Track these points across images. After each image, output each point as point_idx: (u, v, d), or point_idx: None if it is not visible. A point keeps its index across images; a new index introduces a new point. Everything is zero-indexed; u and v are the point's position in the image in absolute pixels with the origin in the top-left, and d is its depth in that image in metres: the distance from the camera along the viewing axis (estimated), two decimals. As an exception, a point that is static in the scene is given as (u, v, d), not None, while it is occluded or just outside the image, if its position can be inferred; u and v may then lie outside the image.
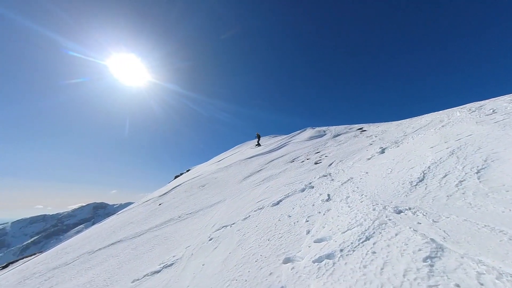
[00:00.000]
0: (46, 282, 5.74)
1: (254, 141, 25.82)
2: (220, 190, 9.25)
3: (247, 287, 2.24)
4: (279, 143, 17.25)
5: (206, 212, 6.77)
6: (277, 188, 6.17)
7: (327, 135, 15.67)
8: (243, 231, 3.90)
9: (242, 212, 5.10)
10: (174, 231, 6.19)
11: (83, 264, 6.09)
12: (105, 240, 7.63)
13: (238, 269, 2.69)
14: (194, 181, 13.35)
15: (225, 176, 11.65)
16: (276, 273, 2.28)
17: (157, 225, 7.19)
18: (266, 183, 7.52)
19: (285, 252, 2.62)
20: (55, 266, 6.81)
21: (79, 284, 4.69)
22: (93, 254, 6.66)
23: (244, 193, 7.28)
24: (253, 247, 3.10)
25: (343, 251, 2.15)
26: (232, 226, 4.47)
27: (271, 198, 5.27)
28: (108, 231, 9.12)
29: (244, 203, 5.92)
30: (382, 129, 11.37)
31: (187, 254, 4.00)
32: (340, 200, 3.62)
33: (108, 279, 4.42)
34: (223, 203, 7.05)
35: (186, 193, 10.93)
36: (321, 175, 5.91)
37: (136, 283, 3.75)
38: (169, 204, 10.11)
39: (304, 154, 11.04)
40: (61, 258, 7.50)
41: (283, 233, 3.14)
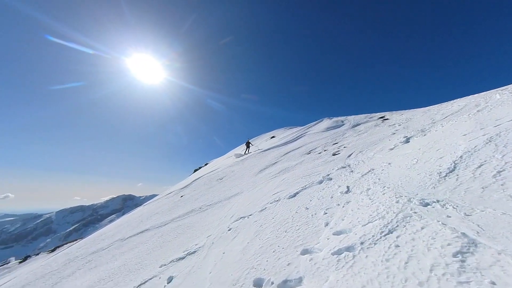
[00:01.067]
0: (87, 265, 6.46)
1: (269, 134, 25.72)
2: (237, 182, 9.45)
3: (266, 276, 2.30)
4: (294, 135, 16.98)
5: (225, 204, 7.00)
6: (294, 180, 6.13)
7: (345, 125, 15.03)
8: (260, 223, 3.98)
9: (259, 204, 5.18)
10: (195, 221, 6.51)
11: (116, 250, 6.72)
12: (134, 229, 8.30)
13: (256, 258, 2.77)
14: (212, 174, 13.79)
15: (241, 169, 11.85)
16: (294, 263, 2.31)
17: (180, 216, 7.61)
18: (282, 175, 7.51)
19: (303, 243, 2.63)
20: (94, 250, 7.62)
21: (114, 267, 5.20)
22: (125, 241, 7.30)
23: (260, 186, 7.36)
24: (270, 238, 3.15)
25: (364, 244, 2.10)
26: (249, 218, 4.57)
27: (287, 190, 5.27)
28: (136, 220, 9.89)
29: (260, 195, 5.99)
30: (406, 117, 10.60)
31: (208, 243, 4.20)
32: (360, 192, 3.50)
33: (139, 263, 4.84)
34: (240, 195, 7.22)
35: (205, 186, 11.36)
36: (339, 166, 5.73)
37: (163, 268, 4.05)
38: (190, 196, 10.62)
39: (321, 145, 10.75)
40: (98, 244, 8.35)
41: (301, 225, 3.14)
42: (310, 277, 1.99)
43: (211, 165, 21.72)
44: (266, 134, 26.07)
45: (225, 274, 2.77)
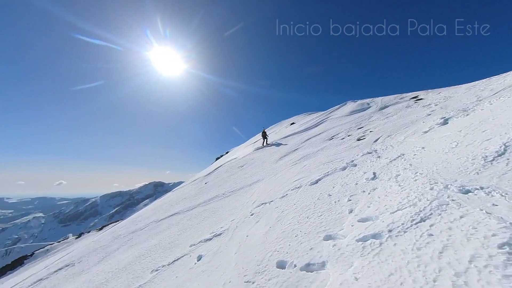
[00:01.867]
0: (128, 242, 7.34)
1: (288, 120, 25.18)
2: (258, 170, 9.60)
3: (288, 259, 2.37)
4: (315, 120, 16.37)
5: (246, 191, 7.21)
6: (315, 167, 6.01)
7: (371, 107, 13.99)
8: (282, 209, 4.03)
9: (280, 191, 5.22)
10: (220, 206, 6.87)
11: (151, 230, 7.48)
12: (166, 212, 9.09)
13: (279, 242, 2.85)
14: (234, 162, 14.17)
15: (261, 157, 11.95)
16: (317, 248, 2.32)
17: (205, 201, 8.09)
18: (303, 162, 7.40)
19: (326, 229, 2.62)
20: (133, 230, 8.58)
21: (151, 245, 5.83)
22: (158, 222, 8.07)
23: (280, 173, 7.38)
24: (292, 224, 3.19)
25: (392, 231, 2.00)
26: (271, 204, 4.66)
27: (308, 177, 5.20)
28: (167, 204, 10.78)
29: (281, 182, 6.02)
30: (444, 95, 9.43)
31: (232, 226, 4.43)
32: (388, 179, 3.30)
33: (171, 243, 5.34)
34: (261, 182, 7.35)
35: (227, 173, 11.77)
36: (365, 152, 5.43)
37: (193, 247, 4.42)
38: (213, 183, 11.14)
39: (345, 130, 10.23)
40: (136, 225, 9.37)
41: (323, 212, 3.11)
42: (333, 262, 1.99)
43: (232, 153, 22.30)
44: (286, 121, 25.57)
45: (249, 255, 2.91)
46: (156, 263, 4.44)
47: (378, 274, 1.62)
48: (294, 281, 2.00)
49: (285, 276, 2.12)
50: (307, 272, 2.04)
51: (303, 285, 1.90)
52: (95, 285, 4.86)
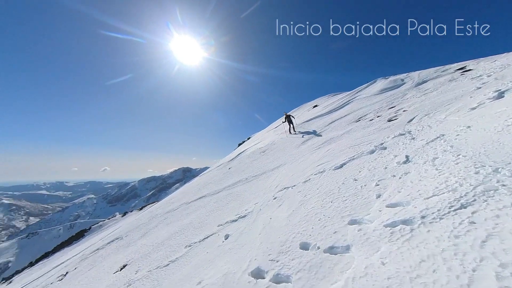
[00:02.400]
0: (164, 221, 8.19)
1: (311, 103, 24.12)
2: (280, 155, 9.59)
3: (311, 241, 2.40)
4: (340, 101, 15.39)
5: (269, 175, 7.32)
6: (340, 150, 5.76)
7: (406, 84, 12.55)
8: (304, 193, 4.03)
9: (302, 175, 5.18)
10: (243, 190, 7.14)
11: (183, 211, 8.20)
12: (194, 195, 9.81)
13: (301, 225, 2.89)
14: (255, 148, 14.35)
15: (283, 142, 11.85)
16: (341, 232, 2.30)
17: (230, 185, 8.47)
18: (327, 146, 7.14)
19: (351, 214, 2.56)
20: (167, 211, 9.51)
21: (183, 224, 6.43)
22: (189, 204, 8.78)
23: (303, 157, 7.27)
24: (315, 208, 3.19)
25: (426, 218, 1.87)
26: (293, 188, 4.68)
27: (333, 161, 5.03)
28: (195, 188, 11.59)
29: (303, 167, 5.96)
30: (501, 64, 7.92)
31: (256, 209, 4.61)
32: (423, 162, 3.02)
33: (201, 222, 5.82)
34: (283, 167, 7.36)
35: (249, 159, 12.02)
36: (396, 134, 4.99)
37: (220, 227, 4.76)
38: (236, 168, 11.53)
39: (373, 111, 9.45)
40: (169, 206, 10.35)
41: (348, 196, 3.02)
42: (358, 246, 1.97)
43: (253, 139, 22.51)
44: (308, 104, 24.54)
45: (273, 236, 3.03)
46: (189, 240, 4.92)
47: (408, 260, 1.55)
48: (317, 262, 2.04)
49: (309, 257, 2.17)
50: (331, 255, 2.06)
51: (326, 266, 1.93)
52: (140, 255, 5.63)
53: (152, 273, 4.11)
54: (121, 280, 4.60)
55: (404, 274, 1.47)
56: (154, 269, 4.22)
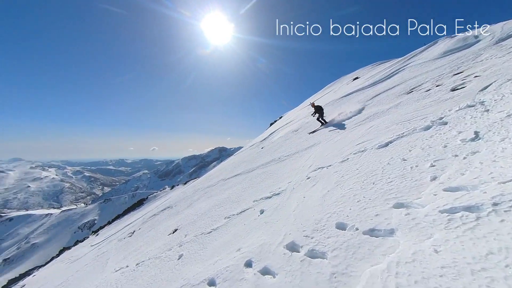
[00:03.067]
0: (205, 194, 9.08)
1: (350, 75, 21.64)
2: (313, 133, 9.16)
3: (349, 222, 2.32)
4: (387, 71, 13.32)
5: (302, 155, 7.16)
6: (385, 127, 5.13)
7: (481, 42, 9.92)
8: (341, 173, 3.82)
9: (339, 155, 4.88)
10: (276, 169, 7.23)
11: (221, 187, 8.90)
12: (230, 173, 10.46)
13: (338, 205, 2.80)
14: (288, 127, 14.04)
15: (316, 121, 11.20)
16: (384, 215, 2.14)
17: (263, 164, 8.68)
18: (369, 122, 6.44)
19: (397, 197, 2.33)
20: (207, 186, 10.48)
21: (222, 198, 7.01)
22: (226, 181, 9.45)
23: (340, 135, 6.79)
24: (353, 189, 3.01)
25: (500, 205, 1.55)
26: (329, 168, 4.48)
27: (376, 140, 4.55)
28: (231, 166, 12.30)
29: (341, 146, 5.58)
30: None
31: (289, 188, 4.65)
32: (501, 140, 2.44)
33: (238, 197, 6.24)
34: (317, 146, 7.06)
35: (282, 138, 11.91)
36: (463, 105, 4.11)
37: (255, 202, 5.01)
38: (269, 148, 11.63)
39: (431, 79, 7.92)
40: (209, 182, 11.35)
41: (394, 178, 2.73)
42: (405, 231, 1.80)
43: (286, 117, 21.93)
44: (347, 77, 22.09)
45: (307, 214, 3.04)
46: (227, 212, 5.38)
47: (470, 251, 1.35)
48: (355, 243, 1.97)
49: (345, 237, 2.11)
50: (371, 237, 1.95)
51: (366, 248, 1.85)
52: (188, 222, 6.49)
53: (198, 238, 4.72)
54: (174, 241, 5.46)
55: (463, 265, 1.30)
56: (199, 235, 4.84)
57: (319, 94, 23.24)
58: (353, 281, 1.61)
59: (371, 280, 1.51)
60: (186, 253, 4.21)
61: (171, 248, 4.95)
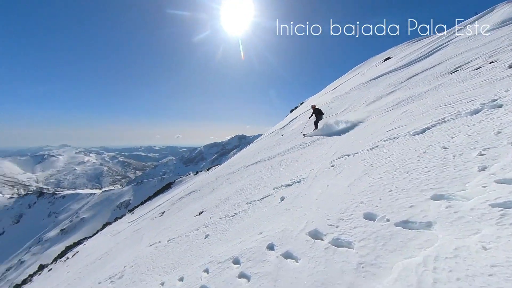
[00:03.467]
0: (227, 181, 9.41)
1: (381, 55, 19.66)
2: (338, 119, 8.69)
3: (379, 212, 2.20)
4: (426, 48, 11.78)
5: (324, 142, 6.90)
6: (422, 112, 4.63)
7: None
8: (370, 162, 3.60)
9: (367, 142, 4.58)
10: (297, 156, 7.12)
11: (241, 174, 9.12)
12: (250, 160, 10.61)
13: (366, 195, 2.66)
14: (309, 113, 13.53)
15: (341, 104, 10.58)
16: (420, 207, 1.97)
17: (283, 151, 8.61)
18: (402, 107, 5.87)
19: (435, 188, 2.12)
20: (228, 172, 10.82)
21: (243, 184, 7.20)
22: (246, 168, 9.64)
23: (368, 122, 6.33)
24: (384, 178, 2.82)
25: None
26: (355, 156, 4.26)
27: (410, 125, 4.14)
28: (251, 154, 12.45)
29: (369, 132, 5.22)
30: None
31: (311, 176, 4.56)
32: None
33: (258, 184, 6.34)
34: (342, 133, 6.71)
35: (303, 125, 11.57)
36: (524, 85, 3.48)
37: (275, 190, 5.05)
38: (289, 135, 11.43)
39: (483, 55, 6.80)
40: (230, 169, 11.69)
41: (432, 167, 2.48)
42: (445, 225, 1.65)
43: (307, 103, 21.09)
44: (377, 57, 20.12)
45: (331, 203, 2.96)
46: (248, 198, 5.53)
47: (529, 251, 1.18)
48: (386, 234, 1.87)
49: (375, 228, 2.02)
50: (404, 229, 1.83)
51: (398, 240, 1.75)
52: (212, 206, 6.86)
53: (222, 220, 4.98)
54: (200, 222, 5.84)
55: (519, 265, 1.15)
56: (223, 218, 5.09)
57: (345, 77, 21.71)
58: (383, 272, 1.55)
59: (404, 273, 1.44)
60: (212, 233, 4.48)
61: (198, 228, 5.31)
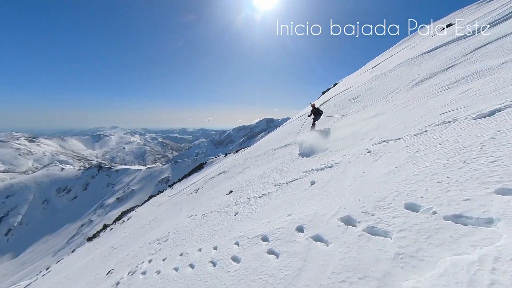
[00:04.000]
0: (255, 163, 9.64)
1: (442, 20, 16.36)
2: (378, 101, 7.85)
3: (424, 204, 1.99)
4: (499, 12, 9.28)
5: (360, 126, 6.37)
6: (492, 90, 3.82)
7: None
8: (415, 148, 3.21)
9: (413, 127, 4.06)
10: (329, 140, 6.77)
11: (270, 156, 9.20)
12: (279, 143, 10.56)
13: (409, 184, 2.42)
14: (343, 95, 12.50)
15: (383, 85, 9.43)
16: (479, 201, 1.71)
17: (313, 136, 8.25)
18: (463, 85, 4.93)
19: (502, 181, 1.79)
20: (257, 155, 11.02)
21: (271, 167, 7.29)
22: (274, 151, 9.66)
23: (415, 103, 5.55)
24: (433, 167, 2.50)
25: None
26: (397, 142, 3.84)
27: (473, 107, 3.48)
28: (279, 137, 12.35)
29: (416, 115, 4.60)
30: None
31: (344, 161, 4.33)
32: None
33: (287, 167, 6.34)
34: (382, 116, 6.08)
35: (335, 108, 10.81)
36: None
37: (305, 173, 4.98)
38: (320, 118, 10.83)
39: None
40: (258, 151, 11.87)
41: (500, 157, 2.08)
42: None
43: (342, 84, 19.38)
44: (434, 24, 16.81)
45: (367, 190, 2.80)
46: (277, 180, 5.61)
47: None
48: (431, 227, 1.71)
49: (418, 220, 1.85)
50: (456, 224, 1.63)
51: (447, 235, 1.58)
52: (241, 186, 7.21)
53: (250, 200, 5.22)
54: (230, 200, 6.24)
55: None
56: (251, 198, 5.32)
57: (389, 53, 18.98)
58: (425, 266, 1.44)
59: (452, 269, 1.31)
60: (241, 211, 4.76)
61: (228, 206, 5.70)
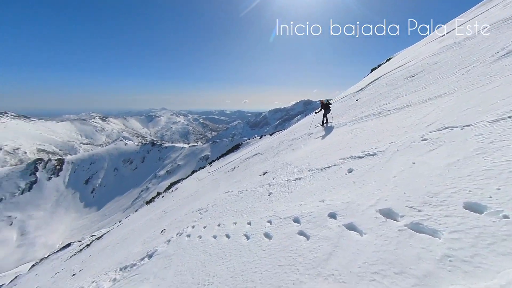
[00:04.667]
0: (290, 147, 9.52)
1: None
2: (444, 78, 6.49)
3: (491, 205, 1.67)
4: None
5: (417, 109, 5.48)
6: None
7: None
8: (490, 138, 2.62)
9: (491, 111, 3.27)
10: (373, 125, 6.12)
11: (305, 141, 8.92)
12: (315, 127, 10.05)
13: (474, 180, 2.04)
14: (399, 71, 10.75)
15: (455, 57, 7.64)
16: None
17: (355, 120, 7.57)
18: None
19: None
20: (292, 138, 10.84)
21: (307, 151, 7.11)
22: (309, 135, 9.30)
23: (498, 81, 4.38)
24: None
25: None
26: (465, 129, 3.19)
27: None
28: (317, 121, 11.70)
29: (497, 97, 3.66)
30: None
31: (391, 149, 3.88)
32: None
33: (323, 153, 6.09)
34: (448, 97, 5.06)
35: (387, 87, 9.45)
36: None
37: (342, 160, 4.70)
38: (366, 100, 9.73)
39: None
40: (293, 135, 11.64)
41: None
42: None
43: (397, 59, 16.49)
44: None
45: (415, 183, 2.49)
46: (311, 166, 5.48)
47: None
48: (499, 233, 1.44)
49: (480, 222, 1.58)
50: (535, 233, 1.34)
51: (518, 244, 1.32)
52: (275, 168, 7.34)
53: (284, 182, 5.30)
54: (264, 181, 6.48)
55: None
56: (285, 180, 5.40)
57: (468, 14, 14.88)
58: (481, 274, 1.26)
59: (519, 283, 1.11)
60: (274, 192, 4.92)
61: (262, 186, 5.94)
